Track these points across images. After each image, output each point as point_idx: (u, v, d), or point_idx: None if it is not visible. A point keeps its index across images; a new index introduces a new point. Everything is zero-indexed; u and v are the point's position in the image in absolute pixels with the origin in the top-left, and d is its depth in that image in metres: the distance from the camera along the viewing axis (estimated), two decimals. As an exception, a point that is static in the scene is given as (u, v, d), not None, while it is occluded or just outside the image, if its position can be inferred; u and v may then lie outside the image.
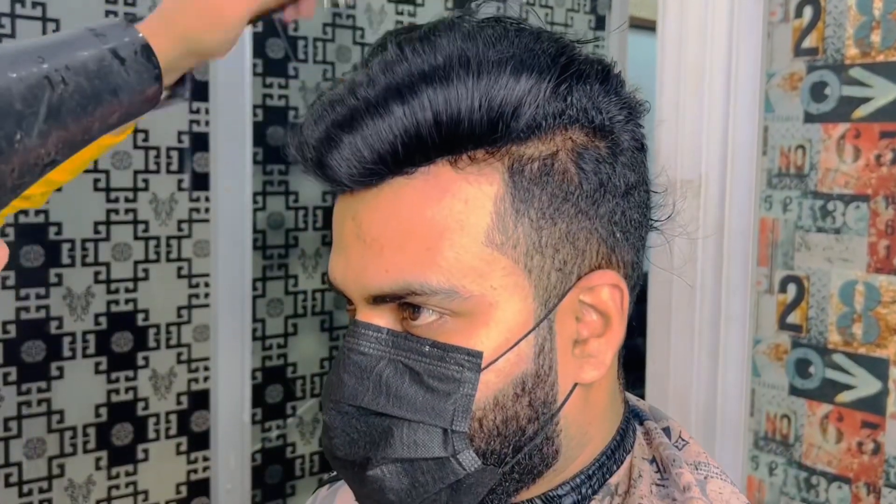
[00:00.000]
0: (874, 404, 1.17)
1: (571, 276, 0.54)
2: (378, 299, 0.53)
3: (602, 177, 0.54)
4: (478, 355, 0.52)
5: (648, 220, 0.60)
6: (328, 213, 2.26)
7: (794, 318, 1.25)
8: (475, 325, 0.52)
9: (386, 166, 0.52)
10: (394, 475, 0.54)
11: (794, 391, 1.26)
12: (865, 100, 1.17)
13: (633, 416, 0.64)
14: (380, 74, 0.52)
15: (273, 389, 2.21)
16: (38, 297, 1.81)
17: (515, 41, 0.53)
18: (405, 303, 0.53)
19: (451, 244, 0.52)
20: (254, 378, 2.14)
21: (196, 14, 0.76)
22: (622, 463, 0.60)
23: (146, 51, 0.51)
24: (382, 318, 0.54)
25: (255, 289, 2.14)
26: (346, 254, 0.55)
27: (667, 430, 0.63)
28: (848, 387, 1.19)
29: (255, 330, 2.15)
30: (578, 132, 0.54)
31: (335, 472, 0.77)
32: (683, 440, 0.63)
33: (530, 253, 0.53)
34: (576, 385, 0.56)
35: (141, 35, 0.51)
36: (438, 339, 0.53)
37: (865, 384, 1.17)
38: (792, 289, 1.25)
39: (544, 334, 0.54)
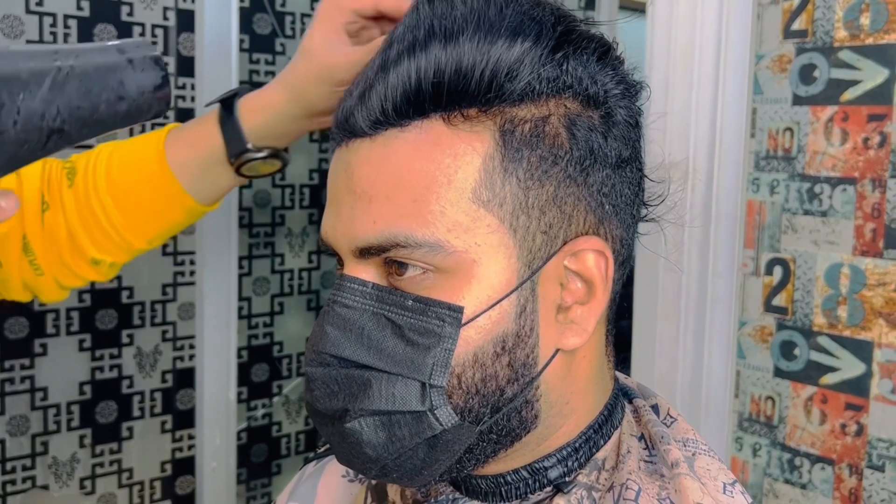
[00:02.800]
0: (858, 386, 1.18)
1: (557, 240, 0.55)
2: (364, 252, 0.54)
3: (593, 145, 0.55)
4: (459, 310, 0.53)
5: (641, 200, 0.60)
6: (315, 191, 2.25)
7: (779, 300, 1.26)
8: (458, 281, 0.53)
9: (386, 116, 0.53)
10: (371, 428, 0.54)
11: (779, 373, 1.26)
12: (854, 83, 1.17)
13: (622, 394, 0.64)
14: (403, 34, 0.55)
15: (259, 368, 2.21)
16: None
17: (516, 6, 0.55)
18: (391, 259, 0.53)
19: (438, 197, 0.53)
20: (239, 357, 2.14)
21: (307, 66, 0.82)
22: (609, 438, 0.61)
23: (156, 60, 0.58)
24: (368, 273, 0.55)
25: (240, 267, 2.13)
26: (338, 206, 0.56)
27: (655, 408, 0.64)
28: (832, 369, 1.20)
29: (240, 308, 2.14)
30: (572, 100, 0.55)
31: (322, 450, 0.77)
32: (672, 417, 0.63)
33: (516, 212, 0.54)
34: (557, 351, 0.56)
35: (156, 51, 0.59)
36: (421, 294, 0.53)
37: (850, 366, 1.18)
38: (778, 271, 1.26)
39: (527, 295, 0.55)
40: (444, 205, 0.52)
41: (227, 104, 0.89)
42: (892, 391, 1.14)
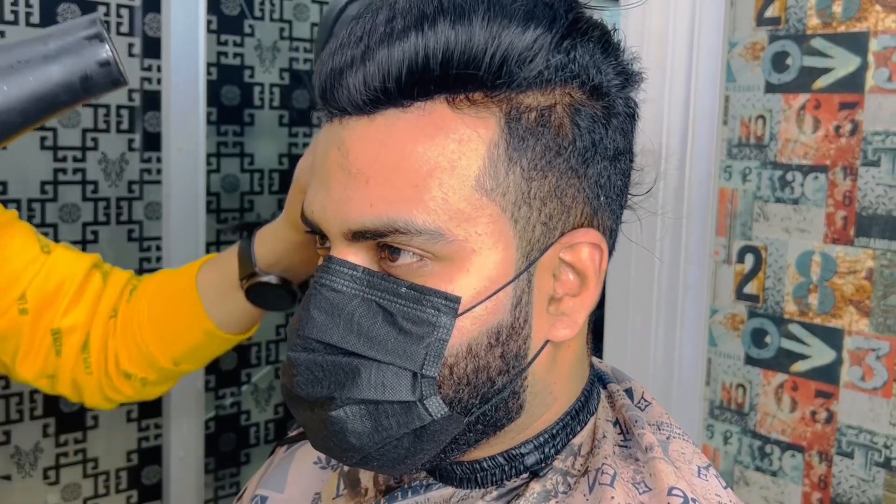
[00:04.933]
0: (828, 374, 1.18)
1: (555, 232, 0.54)
2: (358, 235, 0.52)
3: (595, 137, 0.54)
4: (456, 300, 0.51)
5: (628, 190, 0.60)
6: (284, 176, 2.23)
7: (751, 288, 1.26)
8: (455, 270, 0.52)
9: (387, 94, 0.51)
10: (357, 417, 0.53)
11: (750, 361, 1.27)
12: (826, 70, 1.17)
13: (597, 380, 0.64)
14: (408, 7, 0.52)
15: (227, 356, 2.19)
16: (-18, 259, 1.75)
17: None
18: (385, 244, 0.52)
19: (440, 183, 0.51)
20: (207, 344, 2.12)
21: (300, 193, 0.85)
22: (586, 424, 0.60)
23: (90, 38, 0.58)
24: (359, 257, 0.53)
25: (208, 253, 2.10)
26: (328, 185, 0.53)
27: (629, 392, 0.64)
28: (803, 356, 1.21)
29: (208, 295, 2.12)
30: (578, 90, 0.54)
31: (294, 433, 0.76)
32: (646, 401, 0.63)
33: (518, 203, 0.52)
34: (547, 342, 0.55)
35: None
36: (416, 282, 0.52)
37: (820, 354, 1.19)
38: (749, 259, 1.26)
39: (523, 286, 0.53)
40: (446, 191, 0.51)
41: (251, 232, 0.94)
42: (862, 378, 1.15)
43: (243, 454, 2.25)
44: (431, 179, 0.51)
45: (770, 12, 1.22)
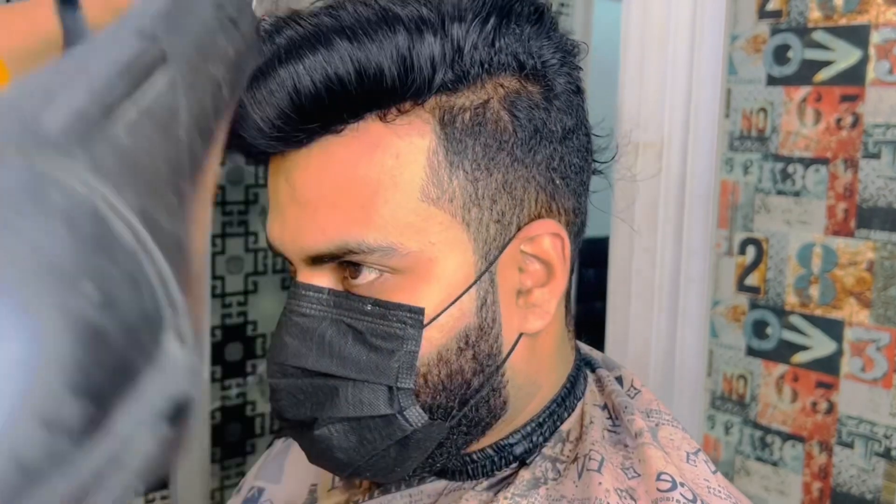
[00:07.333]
0: (829, 365, 1.19)
1: (511, 227, 0.53)
2: (316, 260, 0.52)
3: (537, 123, 0.53)
4: (419, 312, 0.51)
5: (590, 164, 0.58)
6: (289, 169, 2.24)
7: (752, 279, 1.27)
8: (416, 281, 0.52)
9: (311, 122, 0.50)
10: (341, 434, 0.53)
11: (751, 352, 1.27)
12: (827, 63, 1.17)
13: (584, 364, 0.64)
14: (293, 27, 0.50)
15: (233, 347, 2.20)
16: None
17: None
18: (345, 262, 0.52)
19: (386, 201, 0.51)
20: (213, 336, 2.13)
21: None
22: (573, 410, 0.60)
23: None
24: (323, 279, 0.53)
25: (214, 245, 2.11)
26: (282, 215, 0.54)
27: (619, 379, 0.64)
28: (803, 347, 1.21)
29: (214, 287, 2.13)
30: (509, 78, 0.52)
31: None
32: (636, 388, 0.63)
33: (467, 206, 0.52)
34: (521, 335, 0.56)
35: None
36: (380, 298, 0.52)
37: (821, 345, 1.19)
38: (751, 251, 1.27)
39: (486, 287, 0.53)
40: (392, 208, 0.50)
41: None
42: (863, 369, 1.15)
43: (249, 444, 2.27)
44: (377, 198, 0.50)
45: (771, 5, 1.23)
